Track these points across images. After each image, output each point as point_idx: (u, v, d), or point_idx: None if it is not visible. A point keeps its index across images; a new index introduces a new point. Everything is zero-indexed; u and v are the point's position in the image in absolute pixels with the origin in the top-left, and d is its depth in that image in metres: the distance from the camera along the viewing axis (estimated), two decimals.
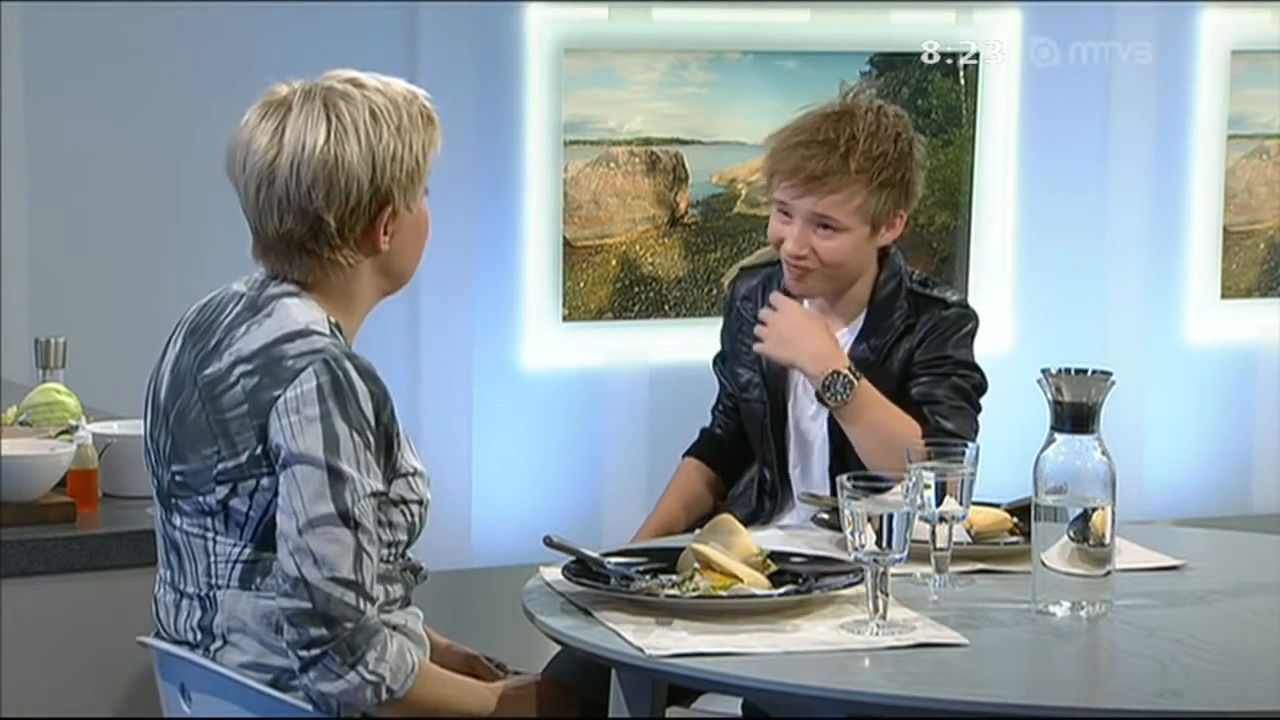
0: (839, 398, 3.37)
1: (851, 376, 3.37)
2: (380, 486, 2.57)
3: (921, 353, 3.48)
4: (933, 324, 3.49)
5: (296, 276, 2.64)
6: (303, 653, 2.52)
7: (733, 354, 3.65)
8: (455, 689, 2.67)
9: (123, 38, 4.79)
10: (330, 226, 2.59)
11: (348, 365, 2.56)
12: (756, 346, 3.48)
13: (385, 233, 2.64)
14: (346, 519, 2.52)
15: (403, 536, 2.64)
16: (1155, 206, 5.73)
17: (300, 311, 2.61)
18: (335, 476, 2.52)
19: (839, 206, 3.42)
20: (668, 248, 5.33)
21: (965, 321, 3.51)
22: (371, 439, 2.56)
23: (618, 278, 5.28)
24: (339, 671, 2.52)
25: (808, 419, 3.53)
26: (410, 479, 2.64)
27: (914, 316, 3.49)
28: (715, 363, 3.73)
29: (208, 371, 2.60)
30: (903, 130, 3.46)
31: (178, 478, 2.62)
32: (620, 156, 5.27)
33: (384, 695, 2.54)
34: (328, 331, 2.60)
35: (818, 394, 3.40)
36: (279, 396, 2.54)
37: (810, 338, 3.42)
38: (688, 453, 3.72)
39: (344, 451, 2.53)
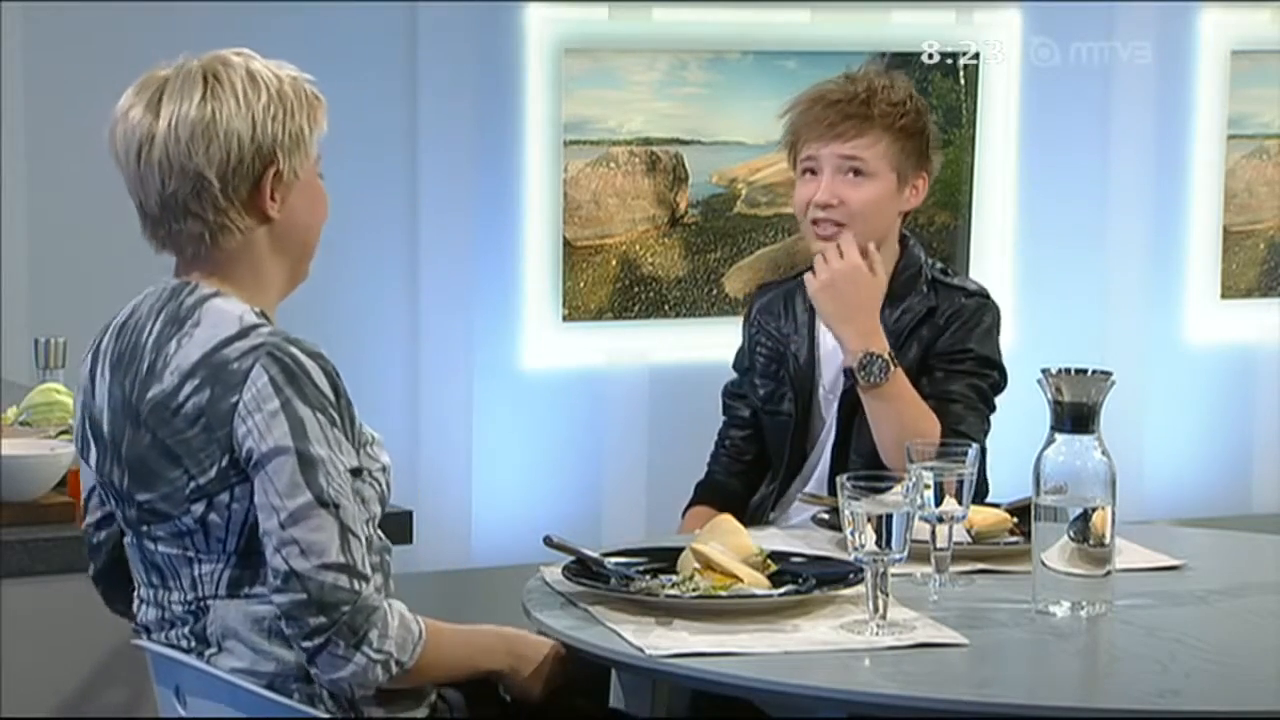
0: (872, 379, 3.36)
1: (890, 362, 3.36)
2: (354, 462, 2.56)
3: (943, 343, 3.48)
4: (953, 312, 3.49)
5: (190, 251, 2.60)
6: (306, 644, 2.51)
7: (754, 368, 3.64)
8: (466, 648, 2.66)
9: (123, 38, 4.78)
10: (214, 186, 2.57)
11: (293, 350, 2.54)
12: (807, 279, 3.46)
13: (273, 198, 2.61)
14: (324, 503, 2.51)
15: (376, 508, 2.63)
16: (1155, 206, 5.73)
17: (227, 307, 2.58)
18: (306, 462, 2.50)
19: (867, 148, 3.47)
20: (668, 248, 5.33)
21: (985, 313, 3.51)
22: (335, 415, 2.54)
23: (618, 278, 5.28)
24: (345, 655, 2.51)
25: (823, 412, 3.54)
26: (369, 448, 2.63)
27: (934, 302, 3.50)
28: (727, 392, 3.70)
29: (151, 395, 2.57)
30: (914, 91, 3.56)
31: (146, 505, 2.59)
32: (620, 156, 5.27)
33: (394, 669, 2.54)
34: (259, 320, 2.58)
35: (851, 369, 3.38)
36: (237, 402, 2.51)
37: (866, 313, 3.40)
38: (690, 506, 3.69)
39: (311, 434, 2.51)
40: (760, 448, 3.65)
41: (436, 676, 2.62)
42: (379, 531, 2.66)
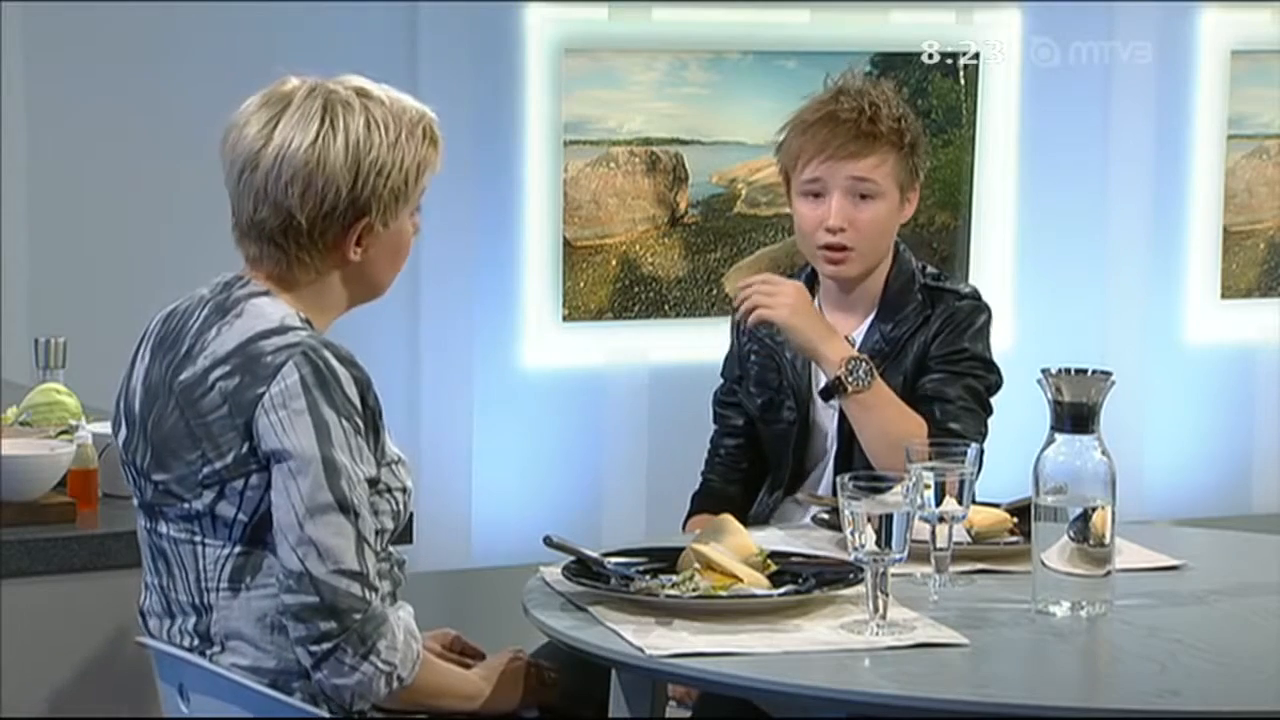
0: (861, 383, 3.36)
1: (871, 365, 3.37)
2: (373, 472, 2.57)
3: (938, 346, 3.47)
4: (948, 315, 3.49)
5: (266, 268, 2.64)
6: (314, 648, 2.51)
7: (747, 377, 3.63)
8: (452, 677, 2.69)
9: (123, 37, 4.78)
10: (301, 225, 2.59)
11: (326, 354, 2.55)
12: (765, 313, 3.41)
13: (358, 244, 2.63)
14: (345, 508, 2.52)
15: (389, 524, 2.64)
16: (1155, 206, 5.73)
17: (271, 309, 2.60)
18: (330, 467, 2.51)
19: (875, 169, 3.46)
20: (668, 248, 5.33)
21: (979, 314, 3.52)
22: (360, 423, 2.56)
23: (618, 278, 5.28)
24: (353, 664, 2.51)
25: (824, 418, 3.53)
26: (393, 466, 2.64)
27: (929, 309, 3.50)
28: (718, 401, 3.69)
29: (183, 377, 2.59)
30: (901, 99, 3.54)
31: (161, 486, 2.61)
32: (620, 156, 5.27)
33: (395, 684, 2.54)
34: (300, 325, 2.59)
35: (836, 380, 3.37)
36: (263, 394, 2.53)
37: (824, 325, 3.42)
38: (689, 517, 3.68)
39: (336, 440, 2.52)
40: (756, 455, 3.64)
41: (423, 700, 2.62)
42: (390, 548, 2.67)
